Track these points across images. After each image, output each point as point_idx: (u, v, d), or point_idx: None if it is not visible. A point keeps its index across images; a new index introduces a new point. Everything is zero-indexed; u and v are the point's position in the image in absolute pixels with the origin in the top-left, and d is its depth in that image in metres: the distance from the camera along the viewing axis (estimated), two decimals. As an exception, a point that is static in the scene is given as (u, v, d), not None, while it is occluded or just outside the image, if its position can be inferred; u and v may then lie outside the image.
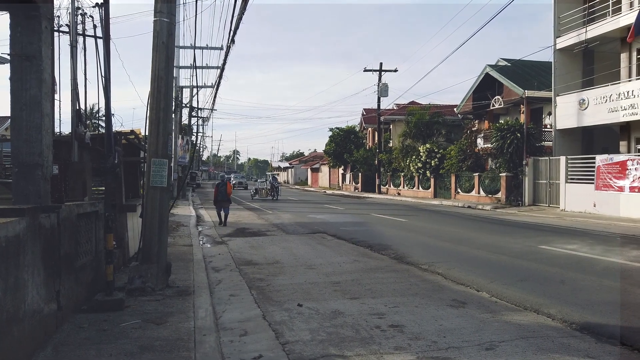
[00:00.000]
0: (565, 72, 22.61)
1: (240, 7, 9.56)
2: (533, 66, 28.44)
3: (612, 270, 8.21)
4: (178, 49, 28.43)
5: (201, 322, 5.26)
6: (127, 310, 5.63)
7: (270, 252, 10.67)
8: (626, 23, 18.48)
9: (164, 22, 6.86)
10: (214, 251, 10.81)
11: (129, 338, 4.70)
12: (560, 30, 22.52)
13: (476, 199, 27.01)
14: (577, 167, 20.39)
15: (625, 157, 18.18)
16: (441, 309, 5.91)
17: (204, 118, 45.09)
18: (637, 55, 20.36)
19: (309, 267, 8.76)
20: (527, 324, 5.29)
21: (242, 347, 4.72)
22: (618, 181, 17.88)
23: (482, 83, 29.75)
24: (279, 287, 7.21)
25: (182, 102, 31.35)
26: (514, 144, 23.88)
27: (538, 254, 9.91)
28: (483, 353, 4.44)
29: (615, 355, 4.39)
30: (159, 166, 6.79)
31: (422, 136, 35.17)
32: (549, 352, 4.46)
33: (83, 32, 9.64)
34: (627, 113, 18.94)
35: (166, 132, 6.93)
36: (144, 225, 6.91)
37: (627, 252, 9.86)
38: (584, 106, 20.99)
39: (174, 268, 7.73)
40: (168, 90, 6.93)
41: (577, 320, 5.36)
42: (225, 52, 14.51)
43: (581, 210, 19.33)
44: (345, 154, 46.31)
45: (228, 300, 6.47)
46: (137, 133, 9.52)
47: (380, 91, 38.90)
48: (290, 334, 5.02)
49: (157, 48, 6.86)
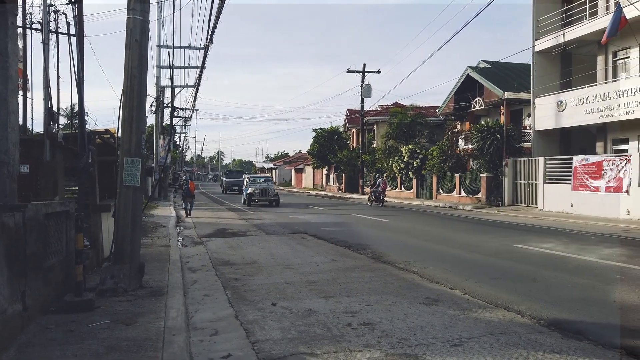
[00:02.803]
0: (543, 74, 22.96)
1: (218, 6, 9.53)
2: (513, 68, 28.82)
3: (584, 268, 8.35)
4: (159, 49, 28.22)
5: (172, 322, 5.21)
6: (96, 311, 5.56)
7: (248, 252, 10.63)
8: (602, 26, 18.81)
9: (137, 20, 6.80)
10: (192, 252, 10.74)
11: (96, 339, 4.63)
12: (539, 33, 22.86)
13: (457, 199, 27.26)
14: (555, 168, 20.71)
15: (601, 157, 18.52)
16: (414, 306, 5.95)
17: (186, 118, 44.71)
18: (613, 57, 20.78)
19: (286, 267, 8.75)
20: (497, 321, 5.35)
21: (212, 346, 4.69)
22: (594, 181, 18.20)
23: (464, 85, 30.05)
24: (254, 287, 7.18)
25: (164, 103, 31.08)
26: (494, 145, 24.17)
27: (513, 252, 10.03)
28: (451, 349, 4.48)
29: (580, 350, 4.46)
30: (132, 165, 6.72)
31: (405, 137, 35.39)
32: (516, 348, 4.51)
33: (56, 30, 9.52)
34: (604, 115, 19.30)
35: (139, 131, 6.86)
36: (116, 225, 6.83)
37: (600, 251, 10.04)
38: (562, 108, 21.34)
39: (149, 268, 7.66)
40: (141, 89, 6.86)
41: (545, 317, 5.44)
42: (204, 51, 14.44)
43: (559, 210, 19.64)
44: (329, 154, 46.39)
45: (202, 300, 6.43)
46: (113, 132, 9.42)
47: (364, 92, 39.06)
48: (261, 333, 5.00)
49: (130, 46, 6.80)
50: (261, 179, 29.22)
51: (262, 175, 40.81)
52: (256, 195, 25.46)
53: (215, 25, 10.52)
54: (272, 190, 26.20)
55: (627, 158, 17.08)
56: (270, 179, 30.32)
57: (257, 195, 25.50)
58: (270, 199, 25.61)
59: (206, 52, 14.16)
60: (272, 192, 25.97)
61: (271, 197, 25.66)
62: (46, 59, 8.63)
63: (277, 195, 26.03)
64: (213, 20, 10.20)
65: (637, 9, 17.02)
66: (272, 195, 25.69)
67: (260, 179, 29.15)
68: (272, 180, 30.24)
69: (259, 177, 30.85)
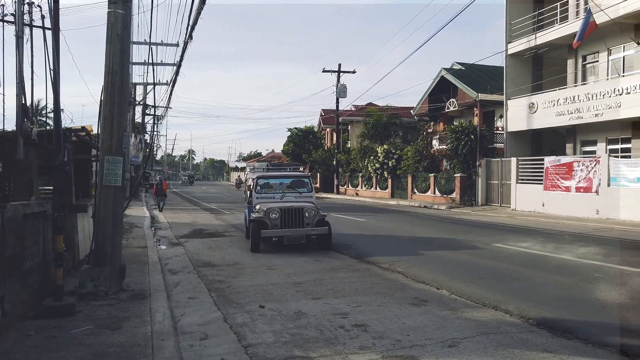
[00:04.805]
0: (516, 77, 23.45)
1: (199, 1, 9.32)
2: (486, 70, 29.36)
3: (563, 266, 8.53)
4: (131, 45, 27.55)
5: (159, 326, 5.05)
6: (78, 316, 5.34)
7: (229, 253, 10.46)
8: (572, 31, 19.33)
9: (118, 14, 6.58)
10: (171, 253, 10.49)
11: (81, 345, 4.44)
12: (512, 36, 23.33)
13: (432, 199, 27.59)
14: (527, 168, 21.18)
15: (571, 158, 19.03)
16: (403, 307, 5.94)
17: (159, 116, 43.85)
18: (583, 61, 21.39)
19: (270, 268, 8.64)
20: (487, 321, 5.39)
21: (203, 351, 4.56)
22: (565, 182, 18.69)
23: (438, 86, 30.42)
24: (239, 289, 7.05)
25: (136, 100, 30.39)
26: (468, 146, 24.56)
27: (493, 252, 10.18)
28: (446, 350, 4.48)
29: (571, 349, 4.52)
30: (113, 164, 6.49)
31: (380, 137, 35.61)
32: (509, 348, 4.55)
33: (30, 23, 9.12)
34: (573, 117, 19.85)
35: (121, 129, 6.64)
36: (96, 225, 6.59)
37: (576, 250, 10.28)
38: (534, 110, 21.84)
39: (128, 271, 7.41)
40: (123, 85, 6.64)
41: (533, 316, 5.51)
42: (183, 48, 14.16)
43: (531, 209, 20.08)
44: (304, 154, 46.27)
45: (187, 303, 6.27)
46: (89, 130, 9.11)
47: (339, 92, 39.12)
48: (253, 337, 4.89)
49: (111, 40, 6.58)
50: (285, 181, 12.56)
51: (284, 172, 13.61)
52: (276, 220, 10.43)
53: (196, 21, 10.31)
54: (312, 209, 10.85)
55: (596, 159, 17.60)
56: (306, 179, 12.84)
57: (278, 220, 10.43)
58: (313, 233, 10.70)
59: (184, 49, 13.89)
60: (313, 213, 10.75)
61: (314, 228, 10.64)
62: (20, 53, 8.25)
63: (327, 225, 10.79)
64: (193, 16, 9.99)
65: (606, 14, 17.55)
66: (313, 224, 10.65)
67: (284, 181, 12.54)
68: (309, 183, 12.68)
69: (279, 175, 12.83)
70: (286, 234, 10.28)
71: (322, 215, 10.75)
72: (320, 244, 10.82)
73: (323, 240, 10.74)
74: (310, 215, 10.46)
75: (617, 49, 19.60)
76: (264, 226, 10.28)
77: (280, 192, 11.93)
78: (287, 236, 10.32)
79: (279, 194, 11.81)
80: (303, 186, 12.25)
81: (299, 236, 10.39)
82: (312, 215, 10.48)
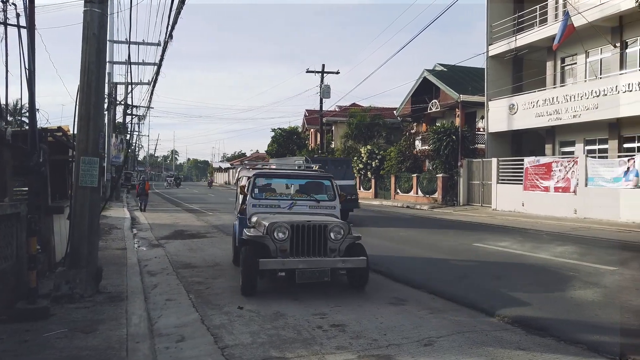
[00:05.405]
0: (497, 78, 23.76)
1: (179, 1, 9.25)
2: (468, 72, 29.69)
3: (540, 265, 8.67)
4: (112, 44, 27.21)
5: (134, 328, 4.99)
6: (52, 319, 5.25)
7: (209, 254, 10.39)
8: (551, 33, 19.67)
9: (95, 13, 6.49)
10: (150, 254, 10.38)
11: (54, 349, 4.37)
12: (493, 38, 23.64)
13: (414, 199, 27.78)
14: (508, 169, 21.47)
15: (550, 159, 19.35)
16: (382, 307, 5.97)
17: (140, 116, 43.40)
18: (562, 63, 21.78)
19: (250, 269, 8.58)
20: (464, 319, 5.45)
21: (179, 353, 4.53)
22: (544, 182, 18.99)
23: (421, 87, 30.67)
24: (219, 290, 7.00)
25: (117, 99, 30.02)
26: (450, 146, 24.81)
27: (473, 251, 10.30)
28: (422, 349, 4.52)
29: (544, 347, 4.60)
30: (89, 165, 6.40)
31: (364, 138, 35.76)
32: (484, 346, 4.61)
33: (5, 21, 8.96)
34: (552, 118, 20.19)
35: (97, 129, 6.55)
36: (72, 227, 6.49)
37: (553, 249, 10.46)
38: (514, 111, 22.15)
39: (106, 273, 7.32)
40: (99, 85, 6.56)
41: (509, 314, 5.59)
42: (163, 47, 14.03)
43: (511, 209, 20.36)
44: (288, 154, 46.17)
45: (164, 305, 6.21)
46: (65, 130, 8.96)
47: (323, 92, 39.07)
48: (230, 338, 4.87)
49: (87, 40, 6.49)
50: (296, 183, 8.91)
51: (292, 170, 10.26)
52: (284, 242, 6.57)
53: (176, 21, 10.22)
54: (341, 227, 6.78)
55: (574, 160, 17.92)
56: (327, 182, 8.35)
57: (287, 243, 6.59)
58: (343, 266, 6.62)
59: (165, 48, 13.76)
60: (342, 233, 6.73)
61: (345, 259, 6.66)
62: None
63: (364, 254, 6.78)
64: (173, 15, 9.91)
65: (583, 17, 17.89)
66: (342, 251, 6.76)
67: (294, 183, 9.01)
68: (331, 187, 8.19)
69: (288, 174, 9.18)
70: (300, 266, 6.40)
71: (355, 237, 6.83)
72: (352, 281, 6.83)
73: (355, 276, 6.74)
74: (338, 237, 6.63)
75: (594, 52, 20.00)
76: (263, 252, 6.48)
77: (288, 198, 8.12)
78: (301, 270, 6.39)
79: (285, 201, 7.99)
80: (321, 191, 8.32)
81: (322, 271, 6.43)
82: (340, 238, 6.64)
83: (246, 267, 6.49)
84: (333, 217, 7.56)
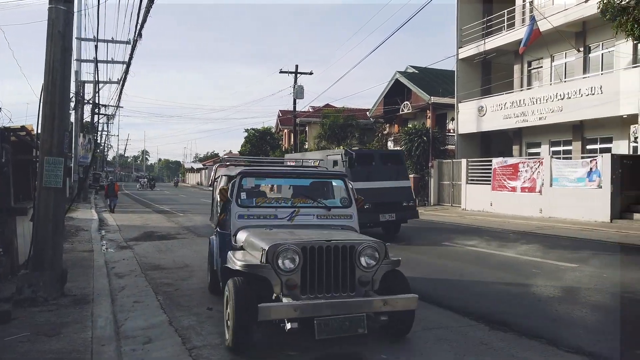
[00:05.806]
0: (466, 81, 24.25)
1: (148, 1, 9.13)
2: (439, 74, 30.18)
3: (505, 263, 8.92)
4: (80, 42, 26.61)
5: (100, 331, 4.92)
6: (14, 323, 5.13)
7: (179, 255, 10.28)
8: (518, 37, 20.20)
9: (60, 10, 6.36)
10: (118, 256, 10.20)
11: (15, 353, 4.28)
12: (463, 41, 24.12)
13: (387, 200, 28.03)
14: (476, 169, 21.93)
15: (517, 160, 19.86)
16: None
17: (109, 115, 42.49)
18: (528, 67, 22.39)
19: (221, 270, 8.55)
20: (431, 317, 5.56)
21: (145, 355, 4.48)
22: (511, 182, 19.47)
23: (393, 88, 31.01)
24: (188, 292, 6.95)
25: (84, 98, 29.34)
26: (421, 147, 25.18)
27: (441, 250, 10.50)
28: (388, 346, 4.59)
29: (506, 341, 4.75)
30: (53, 165, 6.27)
31: (337, 138, 35.91)
32: (448, 342, 4.73)
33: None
34: (519, 120, 20.73)
35: (62, 129, 6.42)
36: (35, 229, 6.34)
37: (518, 247, 10.76)
38: (483, 113, 22.65)
39: (72, 275, 7.18)
40: (64, 84, 6.42)
41: (474, 311, 5.74)
42: (132, 45, 13.80)
43: (480, 209, 20.80)
44: (261, 155, 46.04)
45: (132, 308, 6.12)
46: (29, 129, 8.73)
47: (296, 93, 39.07)
48: (199, 339, 4.85)
49: (52, 38, 6.35)
50: (298, 183, 6.76)
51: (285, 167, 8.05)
52: (293, 272, 4.39)
53: (145, 19, 10.08)
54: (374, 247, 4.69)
55: (540, 160, 18.44)
56: (340, 181, 6.25)
57: (298, 274, 4.41)
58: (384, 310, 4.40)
59: (134, 47, 13.53)
60: (376, 258, 4.65)
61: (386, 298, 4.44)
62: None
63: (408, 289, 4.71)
64: (143, 13, 9.77)
65: (549, 22, 18.44)
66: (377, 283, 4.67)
67: (296, 183, 6.88)
68: (346, 188, 6.09)
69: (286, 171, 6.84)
70: (323, 312, 4.22)
71: (394, 261, 4.91)
72: (391, 330, 4.76)
73: (395, 320, 4.63)
74: (372, 263, 4.64)
75: (559, 56, 20.65)
76: (261, 289, 4.38)
77: (289, 205, 5.86)
78: (323, 320, 4.19)
79: (284, 208, 5.78)
80: (332, 195, 6.61)
81: (354, 318, 4.25)
82: (374, 265, 4.65)
83: (239, 316, 4.21)
84: (351, 230, 5.73)
